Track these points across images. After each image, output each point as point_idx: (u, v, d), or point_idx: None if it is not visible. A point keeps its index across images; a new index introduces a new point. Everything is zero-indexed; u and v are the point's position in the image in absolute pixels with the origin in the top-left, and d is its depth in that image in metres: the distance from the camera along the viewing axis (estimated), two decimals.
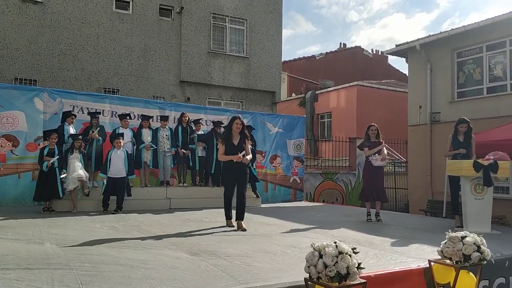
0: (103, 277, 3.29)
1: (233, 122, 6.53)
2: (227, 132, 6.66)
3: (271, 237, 5.76)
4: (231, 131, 6.56)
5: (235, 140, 6.54)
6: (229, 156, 6.44)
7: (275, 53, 16.38)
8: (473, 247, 3.86)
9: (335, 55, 29.48)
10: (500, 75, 12.02)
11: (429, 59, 13.39)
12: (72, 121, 8.81)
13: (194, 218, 7.69)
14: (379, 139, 7.91)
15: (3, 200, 8.67)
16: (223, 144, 6.54)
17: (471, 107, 12.01)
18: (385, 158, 7.73)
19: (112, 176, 8.20)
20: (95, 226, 6.35)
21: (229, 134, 6.59)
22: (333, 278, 3.06)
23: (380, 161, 7.71)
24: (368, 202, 8.02)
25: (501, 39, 11.84)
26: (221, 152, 6.58)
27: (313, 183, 14.53)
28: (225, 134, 6.75)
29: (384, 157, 7.74)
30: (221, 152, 6.58)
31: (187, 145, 9.96)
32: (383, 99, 20.64)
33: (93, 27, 13.41)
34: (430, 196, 12.82)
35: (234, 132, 6.55)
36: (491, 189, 6.85)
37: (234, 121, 6.54)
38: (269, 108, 16.06)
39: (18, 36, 12.46)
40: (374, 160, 7.71)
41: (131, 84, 13.85)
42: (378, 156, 7.70)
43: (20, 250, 4.33)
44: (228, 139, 6.53)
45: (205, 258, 4.23)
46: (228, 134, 6.62)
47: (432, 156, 13.09)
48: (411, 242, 5.53)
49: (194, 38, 14.86)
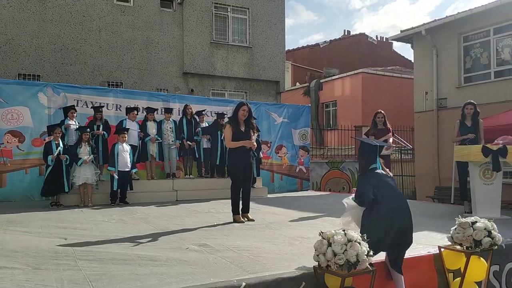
0: (112, 275, 3.27)
1: (240, 108, 6.09)
2: (234, 118, 6.17)
3: (279, 228, 5.73)
4: (237, 118, 6.11)
5: (241, 127, 6.11)
6: (239, 142, 5.98)
7: (278, 42, 16.25)
8: (484, 232, 3.82)
9: (339, 43, 29.23)
10: (508, 58, 11.84)
11: (435, 44, 13.21)
12: (73, 116, 8.80)
13: (201, 209, 7.69)
14: (387, 126, 7.82)
15: (12, 195, 8.73)
16: (230, 129, 6.02)
17: (479, 92, 11.86)
18: (389, 147, 7.63)
19: (120, 170, 8.25)
20: (103, 220, 6.35)
21: (235, 120, 6.12)
22: (342, 266, 3.04)
23: (385, 149, 7.63)
24: None
25: (509, 21, 11.62)
26: (229, 138, 6.04)
27: (319, 172, 14.49)
28: (232, 119, 6.20)
29: (388, 146, 7.64)
30: (229, 138, 6.04)
31: (192, 137, 9.93)
32: (388, 86, 20.47)
33: (94, 20, 13.35)
34: (437, 182, 12.74)
35: (240, 119, 6.12)
36: (500, 174, 6.78)
37: (241, 107, 6.09)
38: (273, 98, 15.97)
39: (20, 31, 12.43)
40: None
41: (134, 77, 13.81)
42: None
43: (30, 247, 4.33)
44: (235, 125, 6.07)
45: (213, 251, 4.21)
46: (235, 119, 6.13)
47: (439, 143, 12.98)
48: (420, 229, 5.47)
49: (196, 29, 14.77)
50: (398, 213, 3.58)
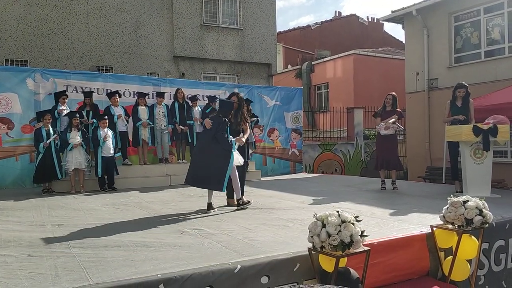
0: (106, 262, 3.27)
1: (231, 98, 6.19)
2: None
3: (272, 211, 5.77)
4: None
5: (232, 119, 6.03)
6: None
7: (269, 24, 16.07)
8: (475, 211, 3.87)
9: (330, 24, 28.97)
10: (498, 38, 11.84)
11: (426, 24, 13.17)
12: (64, 101, 8.71)
13: (194, 194, 7.68)
14: (396, 107, 7.96)
15: (3, 183, 8.67)
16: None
17: (469, 72, 11.89)
18: (388, 127, 7.72)
19: (105, 156, 8.22)
20: (96, 206, 6.34)
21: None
22: (336, 247, 3.07)
23: (384, 129, 7.74)
24: (382, 171, 8.07)
25: (499, 0, 11.60)
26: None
27: (311, 155, 14.53)
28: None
29: (387, 126, 7.73)
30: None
31: (185, 121, 9.88)
32: (380, 67, 20.43)
33: (82, 4, 13.07)
34: (429, 163, 12.86)
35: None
36: (491, 153, 6.85)
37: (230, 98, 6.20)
38: (265, 81, 15.88)
39: (6, 16, 12.15)
40: (379, 129, 7.88)
41: (124, 62, 13.62)
42: (382, 125, 7.78)
43: (22, 234, 4.32)
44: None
45: (208, 235, 4.23)
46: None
47: (430, 123, 13.06)
48: (412, 210, 5.55)
49: (186, 11, 14.54)
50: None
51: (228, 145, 5.69)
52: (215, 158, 5.59)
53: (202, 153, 5.74)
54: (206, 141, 5.75)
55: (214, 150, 5.62)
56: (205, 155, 5.67)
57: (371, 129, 16.19)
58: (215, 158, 5.59)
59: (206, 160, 5.59)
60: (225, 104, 6.00)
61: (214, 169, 5.55)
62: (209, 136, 5.72)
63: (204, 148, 5.73)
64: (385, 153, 7.85)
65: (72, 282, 2.81)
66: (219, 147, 5.63)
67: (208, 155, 5.62)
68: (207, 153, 5.65)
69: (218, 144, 5.61)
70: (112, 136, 8.45)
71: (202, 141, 5.90)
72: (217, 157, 5.60)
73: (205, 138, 5.81)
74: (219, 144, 5.61)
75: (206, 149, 5.69)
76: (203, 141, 5.86)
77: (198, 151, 5.91)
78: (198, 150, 5.98)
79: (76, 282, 2.81)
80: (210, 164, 5.56)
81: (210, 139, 5.68)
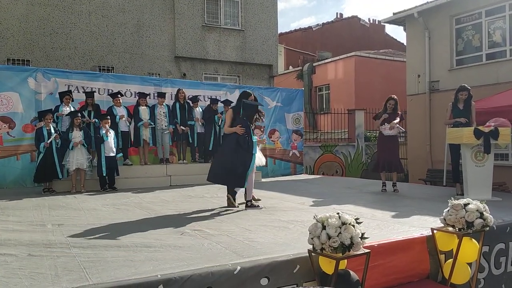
0: (106, 262, 3.27)
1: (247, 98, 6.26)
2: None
3: (273, 212, 5.76)
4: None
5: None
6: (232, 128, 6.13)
7: (271, 25, 16.07)
8: (476, 214, 3.86)
9: (332, 26, 28.98)
10: (499, 41, 11.84)
11: (427, 27, 13.17)
12: (68, 101, 8.72)
13: (195, 194, 7.70)
14: (397, 111, 7.92)
15: (3, 182, 8.67)
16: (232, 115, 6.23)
17: (471, 75, 11.89)
18: (393, 127, 7.71)
19: (106, 155, 8.22)
20: (97, 206, 6.34)
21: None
22: (336, 249, 3.07)
23: (389, 129, 7.72)
24: (383, 173, 8.04)
25: (501, 3, 11.60)
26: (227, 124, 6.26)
27: (312, 156, 14.52)
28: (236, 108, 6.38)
29: (392, 126, 7.72)
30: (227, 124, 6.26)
31: (186, 122, 9.88)
32: (381, 69, 20.43)
33: (84, 3, 13.09)
34: (429, 165, 12.84)
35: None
36: (492, 156, 6.84)
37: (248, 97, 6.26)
38: (266, 82, 15.88)
39: (8, 15, 12.17)
40: (383, 129, 7.81)
41: (125, 62, 13.64)
42: (387, 125, 7.75)
43: (23, 234, 4.32)
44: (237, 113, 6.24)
45: (208, 236, 4.22)
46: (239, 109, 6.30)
47: (431, 125, 13.04)
48: (413, 212, 5.54)
49: (187, 12, 14.55)
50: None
51: (251, 146, 5.96)
52: (238, 158, 5.87)
53: (226, 153, 5.99)
54: (231, 142, 5.96)
55: (238, 151, 5.89)
56: (229, 154, 5.93)
57: (372, 131, 16.18)
58: (238, 158, 5.87)
59: (230, 159, 5.87)
60: (249, 107, 6.17)
61: (235, 168, 5.83)
62: (234, 138, 5.93)
63: (229, 148, 5.95)
64: (387, 154, 7.82)
65: (72, 282, 2.81)
66: (242, 147, 5.90)
67: (231, 155, 5.89)
68: (231, 153, 5.92)
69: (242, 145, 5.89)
70: (114, 137, 8.45)
71: (228, 142, 6.05)
72: (240, 156, 5.88)
73: (230, 139, 5.98)
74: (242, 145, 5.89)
75: (230, 149, 5.92)
76: (229, 141, 6.02)
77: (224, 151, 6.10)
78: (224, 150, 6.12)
79: (76, 282, 2.81)
80: (232, 163, 5.85)
81: (235, 140, 5.92)
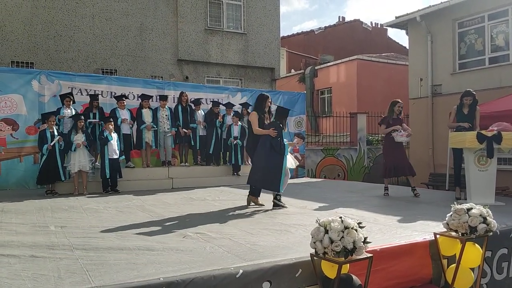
0: (109, 265, 3.27)
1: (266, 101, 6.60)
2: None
3: (275, 215, 5.76)
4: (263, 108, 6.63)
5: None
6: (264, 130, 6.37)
7: (273, 29, 16.11)
8: (479, 218, 3.84)
9: (334, 29, 29.04)
10: (502, 44, 11.83)
11: (430, 31, 13.17)
12: (69, 103, 8.74)
13: (197, 197, 7.70)
14: (401, 115, 7.83)
15: (6, 184, 8.70)
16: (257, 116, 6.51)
17: (473, 79, 11.87)
18: (410, 134, 7.60)
19: (110, 157, 8.23)
20: (99, 208, 6.35)
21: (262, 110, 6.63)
22: (339, 253, 3.06)
23: (406, 137, 7.55)
24: (387, 178, 7.96)
25: (503, 7, 11.60)
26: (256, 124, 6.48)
27: (314, 160, 14.52)
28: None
29: (409, 133, 7.58)
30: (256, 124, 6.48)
31: (188, 125, 9.90)
32: (383, 72, 20.44)
33: (87, 7, 13.16)
34: (432, 169, 12.82)
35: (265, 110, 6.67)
36: (495, 160, 6.80)
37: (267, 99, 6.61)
38: (268, 85, 15.90)
39: (13, 18, 12.23)
40: (399, 136, 7.50)
41: (128, 64, 13.68)
42: (404, 132, 7.51)
43: (26, 236, 4.32)
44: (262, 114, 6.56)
45: (210, 239, 4.22)
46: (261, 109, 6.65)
47: (434, 129, 13.03)
48: (415, 216, 5.52)
49: (190, 15, 14.60)
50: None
51: (283, 149, 6.24)
52: (272, 161, 6.18)
53: (262, 156, 6.25)
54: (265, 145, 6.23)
55: (271, 153, 6.18)
56: (264, 157, 6.22)
57: (374, 134, 16.17)
58: (272, 161, 6.18)
59: (266, 163, 6.17)
60: (282, 111, 6.60)
61: (271, 170, 6.16)
62: (267, 141, 6.21)
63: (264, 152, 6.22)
64: (397, 159, 7.62)
65: (74, 284, 2.81)
66: (275, 150, 6.18)
67: (266, 158, 6.20)
68: (265, 156, 6.21)
69: (275, 148, 6.19)
70: (117, 139, 8.46)
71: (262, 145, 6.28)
72: (273, 159, 6.19)
73: (264, 142, 6.23)
74: (275, 148, 6.18)
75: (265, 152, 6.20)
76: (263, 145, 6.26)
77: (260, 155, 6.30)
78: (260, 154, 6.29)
79: (79, 284, 2.81)
80: (269, 167, 6.16)
81: (268, 143, 6.20)
